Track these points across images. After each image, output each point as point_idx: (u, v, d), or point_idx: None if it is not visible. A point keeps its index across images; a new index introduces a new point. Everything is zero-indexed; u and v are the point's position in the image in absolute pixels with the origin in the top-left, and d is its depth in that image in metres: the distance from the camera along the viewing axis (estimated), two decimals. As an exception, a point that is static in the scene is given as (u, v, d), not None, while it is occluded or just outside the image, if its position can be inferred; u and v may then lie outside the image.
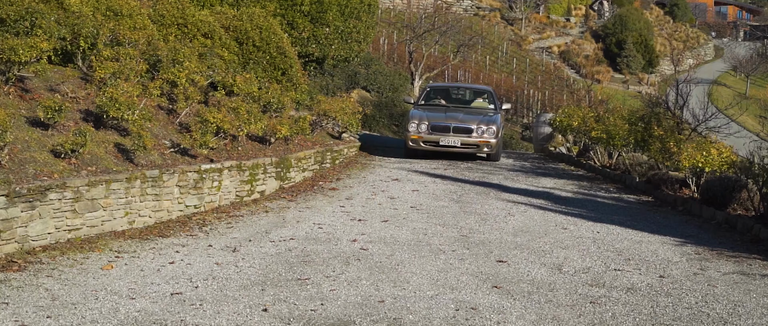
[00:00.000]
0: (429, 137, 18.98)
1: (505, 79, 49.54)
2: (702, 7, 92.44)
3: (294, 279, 8.75)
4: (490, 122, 19.27)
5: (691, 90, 35.83)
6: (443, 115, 19.48)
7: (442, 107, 20.66)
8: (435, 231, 11.60)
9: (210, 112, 12.89)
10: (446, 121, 19.14)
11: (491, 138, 19.07)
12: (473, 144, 19.04)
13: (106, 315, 7.26)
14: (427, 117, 19.29)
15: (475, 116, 19.58)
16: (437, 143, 18.97)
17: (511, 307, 8.11)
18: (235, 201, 12.95)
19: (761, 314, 8.32)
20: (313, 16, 22.52)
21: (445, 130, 19.04)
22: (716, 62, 72.91)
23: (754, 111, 52.81)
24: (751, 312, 8.36)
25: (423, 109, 20.13)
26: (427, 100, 21.21)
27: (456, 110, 20.18)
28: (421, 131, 18.99)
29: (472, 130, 19.05)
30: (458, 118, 19.26)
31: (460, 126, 19.07)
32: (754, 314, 8.31)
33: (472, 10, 64.83)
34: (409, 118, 19.67)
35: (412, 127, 19.11)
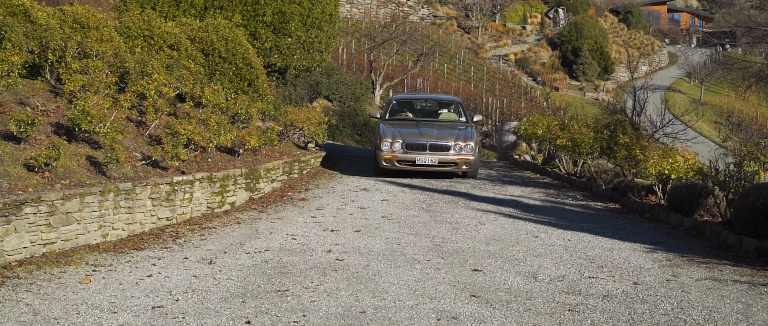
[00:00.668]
0: (404, 156, 17.76)
1: (464, 87, 49.80)
2: (655, 15, 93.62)
3: (273, 290, 8.77)
4: (468, 138, 18.13)
5: (648, 96, 36.20)
6: (417, 132, 18.25)
7: (412, 122, 19.33)
8: (408, 241, 11.66)
9: (180, 123, 12.86)
10: (421, 138, 17.95)
11: (469, 155, 17.96)
12: (451, 162, 17.89)
13: (90, 330, 7.25)
14: (401, 134, 17.96)
15: (449, 131, 18.44)
16: (413, 162, 17.77)
17: (491, 316, 8.19)
18: (207, 213, 12.93)
19: (737, 320, 8.47)
20: (275, 27, 22.53)
21: (420, 148, 17.84)
22: (671, 69, 73.86)
23: (710, 117, 53.62)
24: (726, 318, 8.51)
25: (393, 125, 18.79)
26: (394, 114, 19.92)
27: (428, 125, 19.00)
28: (396, 150, 17.72)
29: (449, 147, 17.90)
30: (433, 135, 18.08)
31: (437, 143, 17.89)
32: (730, 320, 8.46)
33: (429, 18, 65.11)
34: (380, 135, 18.16)
35: (385, 145, 17.75)
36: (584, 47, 62.08)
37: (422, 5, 66.60)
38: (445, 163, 17.85)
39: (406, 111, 20.16)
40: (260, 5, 22.03)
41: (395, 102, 20.64)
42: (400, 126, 18.68)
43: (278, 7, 22.26)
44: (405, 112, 20.08)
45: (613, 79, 64.87)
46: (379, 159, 17.89)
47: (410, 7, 64.29)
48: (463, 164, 17.91)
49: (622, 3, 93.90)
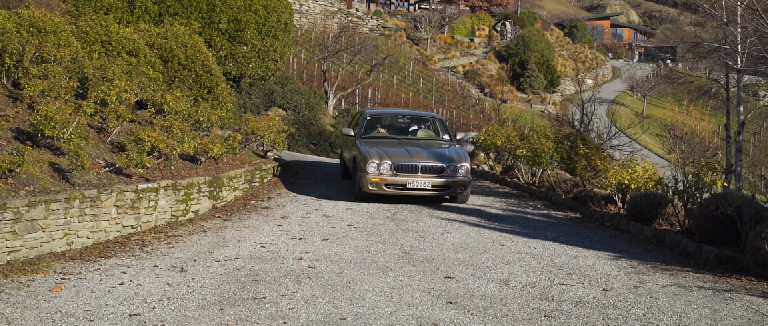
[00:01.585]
0: (394, 179, 15.59)
1: (413, 98, 49.92)
2: (599, 29, 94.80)
3: (250, 298, 8.69)
4: (461, 158, 16.17)
5: (595, 109, 36.63)
6: (404, 151, 16.16)
7: (393, 140, 17.18)
8: (377, 249, 11.63)
9: (144, 130, 12.71)
10: (412, 159, 15.84)
11: (464, 177, 15.96)
12: (445, 185, 15.77)
13: (69, 338, 7.12)
14: (388, 154, 15.88)
15: (439, 151, 16.49)
16: (404, 186, 15.62)
17: (470, 322, 8.21)
18: (171, 220, 12.78)
19: (706, 324, 8.60)
20: (230, 35, 22.44)
21: (412, 170, 15.74)
22: (614, 82, 74.78)
23: (653, 130, 54.35)
24: (696, 322, 8.64)
25: (373, 144, 16.68)
26: (369, 131, 17.73)
27: (411, 144, 16.97)
28: (384, 172, 15.60)
29: (443, 169, 15.85)
30: (424, 155, 16.02)
31: (429, 165, 15.85)
32: (700, 324, 8.59)
33: (378, 29, 65.22)
34: (362, 155, 15.95)
35: (371, 167, 15.57)
36: (531, 60, 62.58)
37: (371, 16, 66.70)
38: (439, 187, 15.78)
39: (379, 127, 18.12)
40: (216, 13, 21.93)
41: (369, 117, 18.20)
42: (383, 145, 16.57)
43: (234, 15, 22.18)
44: (379, 129, 18.06)
45: (559, 91, 65.49)
46: (363, 182, 15.63)
47: (359, 18, 64.36)
48: (457, 188, 15.90)
49: (567, 17, 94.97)
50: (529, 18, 74.96)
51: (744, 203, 11.92)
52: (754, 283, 10.60)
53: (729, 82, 25.28)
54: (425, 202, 16.40)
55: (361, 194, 15.94)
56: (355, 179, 16.28)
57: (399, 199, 16.35)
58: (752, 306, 9.48)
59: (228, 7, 22.15)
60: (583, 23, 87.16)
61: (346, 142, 18.36)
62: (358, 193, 16.01)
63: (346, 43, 41.77)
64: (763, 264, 10.74)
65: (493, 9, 79.10)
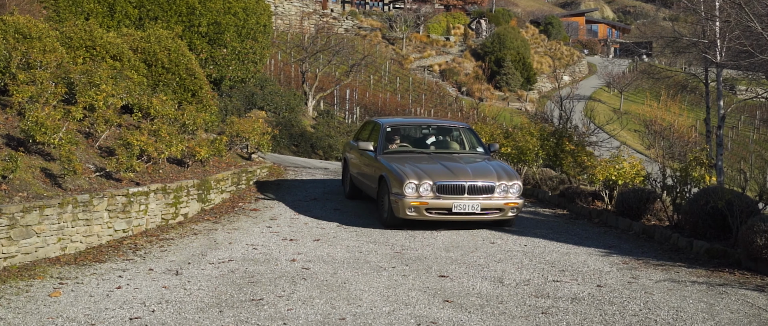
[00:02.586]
0: (437, 202, 13.03)
1: (391, 98, 49.95)
2: (574, 26, 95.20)
3: (247, 299, 8.71)
4: (511, 175, 13.61)
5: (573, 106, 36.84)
6: (444, 169, 13.55)
7: (424, 156, 14.55)
8: (369, 249, 11.68)
9: (132, 134, 12.69)
10: (457, 178, 13.28)
11: (517, 198, 13.47)
12: (496, 208, 13.31)
13: (72, 343, 7.11)
14: (427, 173, 13.30)
15: (484, 167, 13.92)
16: (449, 210, 13.09)
17: (468, 320, 8.26)
18: (161, 224, 12.77)
19: (703, 318, 8.70)
20: (210, 38, 22.39)
21: (457, 190, 13.18)
22: (590, 78, 75.07)
23: (631, 126, 54.64)
24: (693, 317, 8.73)
25: (403, 160, 14.05)
26: (390, 144, 15.11)
27: (446, 158, 14.40)
28: (424, 194, 13.05)
29: (493, 189, 13.30)
30: (468, 173, 13.46)
31: (478, 184, 13.29)
32: (697, 319, 8.68)
33: (354, 30, 65.19)
34: (396, 175, 13.36)
35: (409, 189, 13.04)
36: (507, 58, 62.72)
37: (346, 16, 66.70)
38: (489, 210, 13.29)
39: (398, 139, 15.41)
40: (195, 16, 21.87)
41: (389, 129, 15.41)
42: (414, 161, 14.02)
43: (213, 18, 22.13)
44: (398, 141, 15.35)
45: (536, 89, 65.68)
46: (399, 207, 13.09)
47: (335, 19, 64.34)
48: (509, 210, 13.40)
49: (542, 14, 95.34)
50: (504, 16, 75.18)
51: (734, 197, 12.04)
52: (747, 277, 10.71)
53: (708, 76, 25.46)
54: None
55: (393, 220, 13.42)
56: (382, 203, 13.78)
57: (438, 224, 13.95)
58: (747, 299, 9.59)
59: (207, 10, 22.09)
60: (558, 20, 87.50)
61: (360, 158, 15.48)
62: (389, 219, 13.48)
63: (323, 44, 41.74)
64: (756, 257, 10.85)
65: (468, 7, 79.31)
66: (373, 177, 14.44)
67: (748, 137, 59.84)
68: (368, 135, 16.00)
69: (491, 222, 13.90)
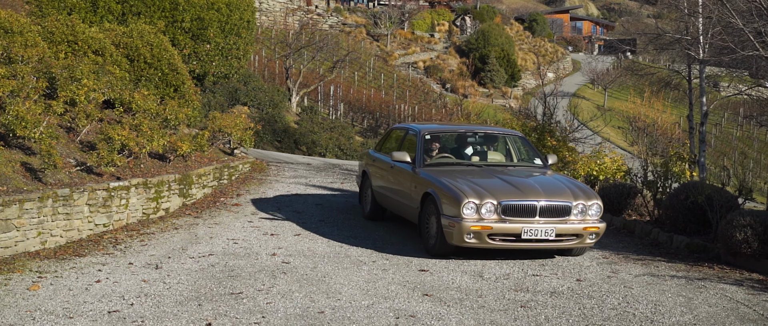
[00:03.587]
0: (502, 227, 10.67)
1: (375, 94, 49.91)
2: (559, 23, 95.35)
3: (227, 293, 8.70)
4: (589, 194, 11.24)
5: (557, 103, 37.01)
6: (507, 185, 11.15)
7: (476, 169, 12.14)
8: (350, 243, 11.71)
9: (114, 129, 12.65)
10: (525, 197, 10.88)
11: (598, 221, 11.10)
12: (573, 234, 10.95)
13: (50, 336, 7.10)
14: (488, 190, 10.90)
15: (550, 183, 11.59)
16: (518, 236, 10.72)
17: (447, 314, 8.28)
18: (142, 219, 12.74)
19: (682, 312, 8.75)
20: (194, 33, 22.33)
21: (527, 212, 10.79)
22: (575, 75, 75.24)
23: (615, 122, 54.80)
24: (672, 311, 8.78)
25: (453, 175, 11.61)
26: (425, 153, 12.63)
27: (505, 172, 11.96)
28: (486, 216, 10.66)
29: (569, 209, 10.94)
30: (538, 191, 11.04)
31: (551, 204, 10.89)
32: (675, 312, 8.73)
33: (338, 26, 65.12)
34: (449, 192, 10.93)
35: (467, 210, 10.62)
36: (492, 55, 62.77)
37: (331, 13, 66.65)
38: (565, 236, 10.94)
39: (437, 147, 13.09)
40: (179, 11, 21.82)
41: (428, 136, 12.95)
42: (467, 175, 11.67)
43: (197, 13, 22.08)
44: (437, 152, 12.97)
45: (520, 85, 65.76)
46: (454, 233, 10.69)
47: (319, 15, 64.27)
48: (587, 236, 11.04)
49: (526, 11, 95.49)
50: (489, 12, 75.21)
51: (714, 192, 12.10)
52: (726, 271, 10.78)
53: (691, 73, 25.57)
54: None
55: (443, 248, 11.03)
56: (427, 227, 11.38)
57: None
58: (726, 293, 9.65)
59: (191, 5, 22.04)
60: (542, 17, 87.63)
61: (389, 172, 13.11)
62: (439, 247, 11.07)
63: (307, 40, 41.70)
64: (735, 252, 10.91)
65: (453, 4, 79.28)
66: (411, 194, 12.01)
67: (732, 134, 60.13)
68: (398, 144, 13.43)
69: (563, 252, 11.64)
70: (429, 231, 11.34)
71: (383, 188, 13.32)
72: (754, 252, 10.85)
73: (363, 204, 14.26)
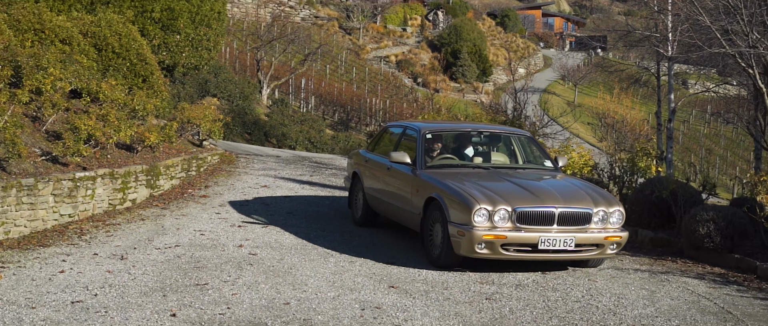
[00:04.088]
0: (517, 236, 9.70)
1: (347, 87, 49.89)
2: (531, 19, 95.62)
3: (192, 284, 8.68)
4: (609, 200, 10.32)
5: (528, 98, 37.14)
6: (520, 190, 10.19)
7: (482, 172, 11.17)
8: (318, 235, 11.70)
9: (80, 118, 12.56)
10: (542, 203, 9.91)
11: (620, 229, 10.17)
12: (593, 244, 9.99)
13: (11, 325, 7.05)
14: (500, 195, 9.94)
15: (567, 187, 10.62)
16: (534, 246, 9.74)
17: (413, 305, 8.31)
18: (109, 209, 12.67)
19: (644, 305, 8.84)
20: (163, 24, 22.21)
21: (544, 219, 9.82)
22: (546, 71, 75.50)
23: (584, 118, 55.05)
24: (634, 303, 8.87)
25: (459, 178, 10.63)
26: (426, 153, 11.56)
27: (516, 175, 11.08)
28: (499, 224, 9.71)
29: (589, 217, 9.96)
30: (555, 196, 10.08)
31: (570, 211, 9.92)
32: (638, 305, 8.81)
33: (310, 19, 64.97)
34: (458, 197, 9.95)
35: (479, 216, 9.67)
36: (463, 50, 62.87)
37: (303, 6, 66.48)
38: (586, 246, 9.98)
39: (438, 147, 12.02)
40: (148, 1, 21.68)
41: (429, 135, 11.86)
42: (473, 178, 10.67)
43: (167, 3, 21.96)
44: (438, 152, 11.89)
45: (491, 81, 65.92)
46: (463, 242, 9.72)
47: (291, 8, 64.07)
48: (609, 247, 10.08)
49: (499, 7, 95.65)
50: (461, 8, 75.36)
51: (678, 187, 12.21)
52: (689, 265, 10.89)
53: (660, 70, 25.75)
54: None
55: (450, 259, 10.06)
56: (431, 235, 10.38)
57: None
58: (688, 287, 9.76)
59: (161, -5, 21.96)
60: (514, 13, 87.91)
61: (385, 175, 12.07)
62: (445, 258, 10.08)
63: (278, 32, 41.59)
64: (698, 246, 11.02)
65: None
66: (411, 199, 11.01)
67: (699, 131, 60.62)
68: (395, 144, 12.34)
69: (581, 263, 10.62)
70: (433, 241, 10.33)
71: (378, 192, 12.21)
72: (716, 246, 10.97)
73: (353, 209, 13.14)
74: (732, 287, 9.95)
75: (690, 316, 8.49)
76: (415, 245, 11.27)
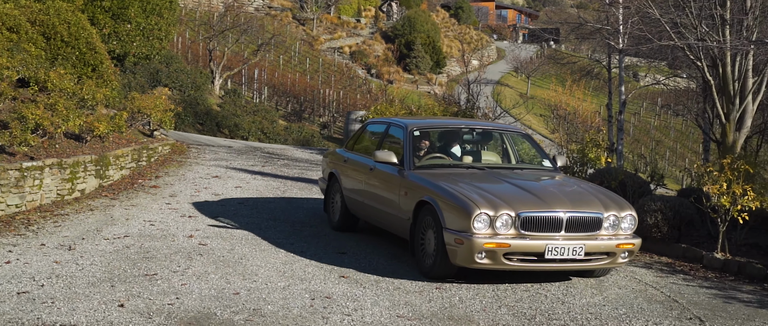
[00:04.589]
0: (522, 244, 8.74)
1: (300, 78, 49.71)
2: (484, 11, 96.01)
3: (141, 275, 8.61)
4: (621, 204, 9.40)
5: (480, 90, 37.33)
6: (522, 192, 9.29)
7: (478, 173, 10.24)
8: (268, 225, 11.66)
9: (28, 107, 12.40)
10: (548, 207, 8.97)
11: (632, 236, 9.29)
12: (604, 251, 9.09)
13: (-45, 317, 6.96)
14: (502, 198, 9.01)
15: (573, 189, 9.80)
16: (541, 256, 8.81)
17: (363, 295, 8.32)
18: (57, 200, 12.52)
19: (592, 294, 8.96)
20: (114, 12, 22.00)
21: (551, 225, 8.91)
22: (499, 63, 75.81)
23: (537, 110, 55.40)
24: (582, 292, 9.00)
25: (453, 179, 9.71)
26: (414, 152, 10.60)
27: (514, 176, 10.22)
28: (501, 230, 8.78)
29: (600, 223, 9.07)
30: (561, 198, 9.18)
31: (578, 215, 9.01)
32: (586, 294, 8.93)
33: (264, 9, 64.61)
34: (454, 201, 9.02)
35: (479, 223, 8.73)
36: (417, 41, 62.91)
37: (257, -4, 66.14)
38: (596, 255, 9.08)
39: (425, 145, 11.07)
40: (99, -10, 21.49)
41: (417, 132, 10.93)
42: (468, 179, 9.79)
43: (118, -8, 21.78)
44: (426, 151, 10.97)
45: (445, 72, 66.07)
46: (460, 251, 8.79)
47: (245, -2, 63.75)
48: (620, 255, 9.19)
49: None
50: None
51: (627, 178, 12.35)
52: (636, 255, 11.00)
53: (611, 62, 26.00)
54: (316, 180, 16.40)
55: (445, 269, 9.16)
56: (423, 243, 9.48)
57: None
58: (635, 276, 9.89)
59: (111, -17, 21.73)
60: (468, 5, 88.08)
61: (367, 175, 11.08)
62: (439, 268, 9.16)
63: (231, 22, 41.36)
64: (645, 236, 11.15)
65: (380, -10, 79.36)
66: (398, 203, 10.09)
67: (650, 123, 61.24)
68: (377, 142, 11.52)
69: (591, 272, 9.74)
70: (425, 249, 9.42)
71: (359, 194, 11.22)
72: (663, 236, 11.11)
73: (330, 212, 12.15)
74: (678, 276, 10.09)
75: (637, 305, 8.60)
76: (366, 236, 11.31)
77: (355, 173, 11.50)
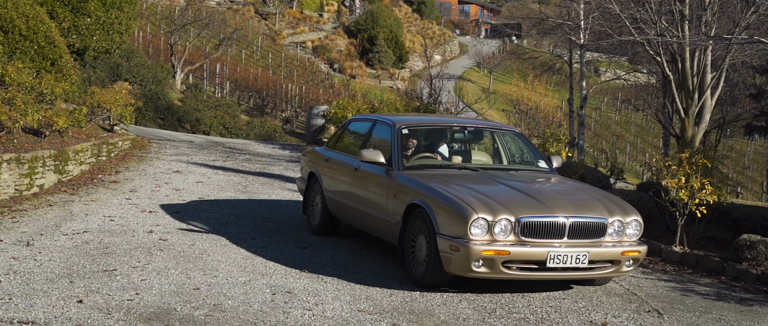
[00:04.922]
0: (522, 251, 8.17)
1: (263, 73, 49.55)
2: (446, 6, 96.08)
3: (100, 270, 8.55)
4: (626, 208, 8.84)
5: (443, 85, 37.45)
6: (521, 196, 8.72)
7: (469, 173, 9.66)
8: (229, 221, 11.61)
9: (-15, 102, 12.28)
10: (550, 211, 8.41)
11: (638, 243, 8.72)
12: (609, 259, 8.52)
13: None
14: (500, 201, 8.45)
15: (575, 192, 9.26)
16: (542, 264, 8.25)
17: (324, 289, 8.32)
18: (15, 195, 12.39)
19: (552, 287, 8.97)
20: (73, 6, 21.86)
21: (553, 231, 8.34)
22: (461, 58, 76.01)
23: (499, 105, 55.68)
24: (542, 285, 8.99)
25: (446, 180, 9.10)
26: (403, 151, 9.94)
27: (510, 177, 9.58)
28: (500, 236, 8.22)
29: (604, 229, 8.53)
30: (563, 202, 8.60)
31: (582, 220, 8.46)
32: (546, 287, 8.94)
33: (225, 3, 64.32)
34: (448, 204, 8.43)
35: (476, 228, 8.16)
36: (380, 36, 62.95)
37: (219, -10, 65.82)
38: (600, 263, 8.52)
39: (414, 147, 10.35)
40: (58, -17, 21.31)
41: (405, 130, 10.24)
42: (462, 181, 9.18)
43: (77, -15, 21.61)
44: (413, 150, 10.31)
45: (408, 67, 66.13)
46: (456, 259, 8.21)
47: (207, -8, 63.42)
48: (625, 263, 8.63)
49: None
50: (378, -6, 75.40)
51: (587, 172, 12.44)
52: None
53: (572, 57, 26.16)
54: (278, 175, 16.38)
55: (438, 278, 8.58)
56: (414, 250, 8.89)
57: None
58: (593, 268, 9.91)
59: (71, -23, 21.56)
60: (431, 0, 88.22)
61: (351, 176, 10.42)
62: (431, 276, 8.59)
63: (193, 16, 41.15)
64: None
65: (342, -16, 79.27)
66: (385, 206, 9.50)
67: (610, 118, 61.72)
68: (362, 140, 10.81)
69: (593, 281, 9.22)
70: (416, 256, 8.85)
71: (343, 196, 10.56)
72: (624, 230, 11.17)
73: (309, 215, 11.49)
74: (637, 269, 10.18)
75: (596, 298, 8.68)
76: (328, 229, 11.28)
77: (337, 173, 10.88)
